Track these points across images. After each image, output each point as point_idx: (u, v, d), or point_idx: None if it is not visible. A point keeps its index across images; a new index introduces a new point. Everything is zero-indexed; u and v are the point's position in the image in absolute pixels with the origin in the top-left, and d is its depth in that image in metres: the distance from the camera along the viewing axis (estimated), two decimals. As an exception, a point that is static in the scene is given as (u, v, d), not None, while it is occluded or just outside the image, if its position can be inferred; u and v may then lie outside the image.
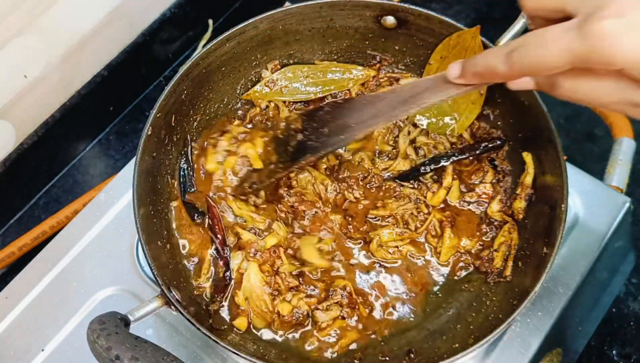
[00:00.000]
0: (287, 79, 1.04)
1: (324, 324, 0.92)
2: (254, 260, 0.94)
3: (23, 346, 1.00)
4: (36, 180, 1.28)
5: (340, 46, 1.05)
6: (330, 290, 0.93)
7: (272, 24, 0.99)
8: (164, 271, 0.86)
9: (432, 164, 0.99)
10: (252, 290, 0.92)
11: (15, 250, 1.18)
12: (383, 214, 0.97)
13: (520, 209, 0.96)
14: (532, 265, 0.89)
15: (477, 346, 0.82)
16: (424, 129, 1.03)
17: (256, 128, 1.03)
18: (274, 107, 1.05)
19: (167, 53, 1.39)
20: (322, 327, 0.92)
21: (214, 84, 1.02)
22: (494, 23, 1.45)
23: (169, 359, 0.71)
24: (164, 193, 0.97)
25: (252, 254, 0.95)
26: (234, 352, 0.81)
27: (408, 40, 1.02)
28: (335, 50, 1.06)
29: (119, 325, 0.73)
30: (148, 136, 0.91)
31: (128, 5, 1.24)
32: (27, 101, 1.17)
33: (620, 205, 1.05)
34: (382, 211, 0.98)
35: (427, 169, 0.99)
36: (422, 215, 0.98)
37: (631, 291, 1.18)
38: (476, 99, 1.00)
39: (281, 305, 0.92)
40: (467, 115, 1.01)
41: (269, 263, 0.94)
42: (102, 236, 1.07)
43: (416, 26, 0.99)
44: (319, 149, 0.92)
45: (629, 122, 1.18)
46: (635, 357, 1.12)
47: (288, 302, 0.92)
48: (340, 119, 0.90)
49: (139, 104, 1.38)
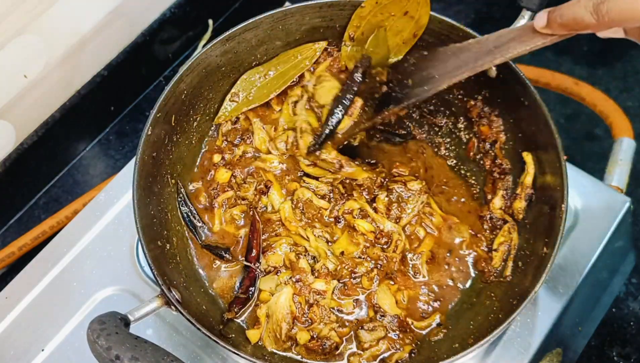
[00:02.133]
0: (247, 85, 1.04)
1: (366, 344, 0.91)
2: (292, 286, 0.93)
3: (23, 346, 1.00)
4: (36, 180, 1.28)
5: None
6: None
7: (272, 24, 0.99)
8: (163, 271, 0.86)
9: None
10: (276, 310, 0.91)
11: (15, 250, 1.18)
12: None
13: (520, 209, 0.96)
14: (532, 265, 0.89)
15: (477, 346, 0.82)
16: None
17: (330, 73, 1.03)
18: (245, 118, 1.04)
19: (167, 53, 1.39)
20: (364, 347, 0.91)
21: (214, 84, 1.02)
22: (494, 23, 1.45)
23: (169, 359, 0.71)
24: (164, 193, 0.97)
25: (295, 280, 0.93)
26: (234, 352, 0.81)
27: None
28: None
29: (119, 325, 0.73)
30: (148, 136, 0.91)
31: (128, 5, 1.24)
32: (27, 101, 1.17)
33: (620, 205, 1.05)
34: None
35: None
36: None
37: (631, 291, 1.18)
38: (408, 39, 1.01)
39: (300, 333, 0.90)
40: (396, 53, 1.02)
41: (305, 297, 0.93)
42: (102, 236, 1.07)
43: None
44: (402, 100, 0.94)
45: (629, 122, 1.18)
46: (635, 357, 1.12)
47: (307, 331, 0.91)
48: (424, 70, 0.92)
49: (139, 104, 1.38)
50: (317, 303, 0.92)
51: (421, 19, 0.98)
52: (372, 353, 0.91)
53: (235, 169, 1.01)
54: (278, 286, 0.93)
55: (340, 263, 0.95)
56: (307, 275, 0.93)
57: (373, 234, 0.96)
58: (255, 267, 0.94)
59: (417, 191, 0.99)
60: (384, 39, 1.00)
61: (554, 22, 0.72)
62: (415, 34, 1.00)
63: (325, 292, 0.93)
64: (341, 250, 0.96)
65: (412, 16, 0.97)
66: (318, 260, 0.95)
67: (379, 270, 0.95)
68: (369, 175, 0.99)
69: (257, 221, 0.97)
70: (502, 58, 0.83)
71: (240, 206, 0.99)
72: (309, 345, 0.90)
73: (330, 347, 0.91)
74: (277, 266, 0.95)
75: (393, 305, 0.93)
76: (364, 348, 0.91)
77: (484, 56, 0.85)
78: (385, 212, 0.98)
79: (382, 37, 1.00)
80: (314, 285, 0.93)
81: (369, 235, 0.96)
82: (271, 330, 0.90)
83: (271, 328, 0.91)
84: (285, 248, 0.95)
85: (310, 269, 0.94)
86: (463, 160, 1.04)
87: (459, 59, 0.88)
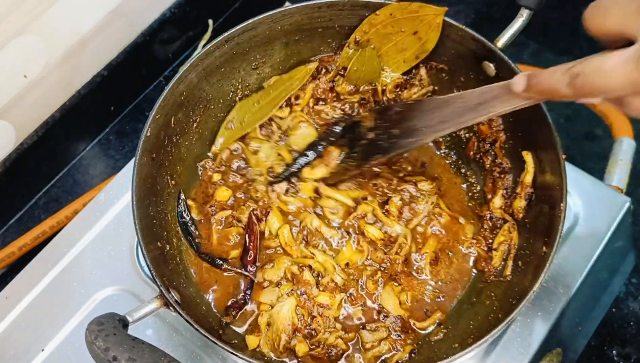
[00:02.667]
0: (242, 113, 1.05)
1: (368, 345, 0.91)
2: (296, 298, 0.92)
3: (23, 346, 1.00)
4: (36, 180, 1.28)
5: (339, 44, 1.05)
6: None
7: (271, 24, 0.99)
8: (163, 272, 0.86)
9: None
10: (277, 320, 0.90)
11: (15, 250, 1.18)
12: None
13: (520, 208, 0.96)
14: (532, 265, 0.89)
15: (476, 346, 0.82)
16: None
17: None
18: (245, 147, 1.04)
19: (167, 53, 1.39)
20: (366, 347, 0.91)
21: (214, 84, 1.02)
22: (494, 23, 1.45)
23: (166, 360, 0.71)
24: (164, 193, 0.97)
25: (300, 293, 0.92)
26: (233, 353, 0.81)
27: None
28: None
29: (117, 326, 0.73)
30: (148, 136, 0.91)
31: (128, 5, 1.24)
32: (27, 101, 1.17)
33: (620, 205, 1.05)
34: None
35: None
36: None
37: (631, 291, 1.18)
38: (410, 59, 1.01)
39: (299, 345, 0.90)
40: (393, 70, 1.03)
41: (308, 310, 0.92)
42: (102, 236, 1.07)
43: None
44: (389, 150, 0.94)
45: (629, 122, 1.18)
46: (635, 357, 1.12)
47: (307, 343, 0.90)
48: (410, 120, 0.92)
49: (139, 104, 1.38)
50: (322, 314, 0.92)
51: (428, 43, 0.98)
52: (374, 354, 0.90)
53: (237, 191, 1.01)
54: (279, 298, 0.92)
55: (347, 275, 0.94)
56: (311, 288, 0.93)
57: (382, 241, 0.96)
58: (250, 273, 0.94)
59: (428, 192, 0.99)
60: (371, 57, 1.01)
61: (532, 88, 0.72)
62: (417, 56, 1.01)
63: (331, 306, 0.92)
64: (346, 261, 0.95)
65: (420, 37, 0.98)
66: (323, 276, 0.94)
67: (382, 272, 0.95)
68: (358, 195, 0.99)
69: (253, 223, 0.96)
70: (485, 116, 0.83)
71: (236, 227, 0.99)
72: (314, 353, 0.90)
73: (337, 354, 0.90)
74: (274, 280, 0.94)
75: (397, 305, 0.93)
76: (366, 348, 0.91)
77: (467, 112, 0.84)
78: (397, 215, 0.98)
79: (370, 56, 1.01)
80: (318, 298, 0.92)
81: (378, 242, 0.96)
82: (270, 339, 0.90)
83: (270, 337, 0.90)
84: (287, 264, 0.95)
85: (315, 282, 0.93)
86: (463, 159, 1.04)
87: (442, 113, 0.88)
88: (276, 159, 1.03)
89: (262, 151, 1.04)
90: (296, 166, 1.01)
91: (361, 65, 1.02)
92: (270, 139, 1.04)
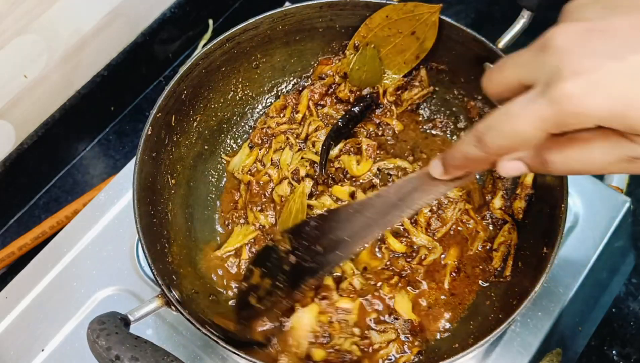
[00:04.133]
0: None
1: (376, 345, 0.90)
2: (318, 303, 0.90)
3: (23, 346, 1.00)
4: (36, 180, 1.28)
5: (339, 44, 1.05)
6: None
7: (272, 24, 0.99)
8: (164, 271, 0.86)
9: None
10: (297, 327, 0.89)
11: (15, 250, 1.18)
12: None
13: (520, 209, 0.96)
14: (532, 265, 0.89)
15: (477, 346, 0.82)
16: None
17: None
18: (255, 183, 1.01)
19: (167, 53, 1.39)
20: (374, 348, 0.90)
21: (214, 84, 1.02)
22: (494, 23, 1.45)
23: (168, 359, 0.71)
24: (164, 193, 0.97)
25: (320, 298, 0.91)
26: (234, 352, 0.81)
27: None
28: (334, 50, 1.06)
29: (118, 325, 0.73)
30: (148, 136, 0.91)
31: (128, 5, 1.24)
32: (27, 101, 1.17)
33: (620, 205, 1.05)
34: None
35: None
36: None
37: (631, 291, 1.18)
38: (410, 60, 1.01)
39: (316, 350, 0.88)
40: (395, 72, 1.03)
41: (328, 316, 0.91)
42: (102, 236, 1.07)
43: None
44: (317, 270, 0.87)
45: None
46: (635, 357, 1.12)
47: (324, 349, 0.89)
48: (330, 232, 0.84)
49: (139, 104, 1.38)
50: (340, 321, 0.90)
51: (426, 42, 0.98)
52: (381, 355, 0.90)
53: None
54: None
55: (365, 280, 0.94)
56: (332, 293, 0.91)
57: (404, 254, 0.96)
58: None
59: (456, 198, 0.98)
60: (372, 57, 1.01)
61: (449, 166, 0.67)
62: (417, 56, 1.00)
63: (351, 310, 0.91)
64: (363, 265, 0.95)
65: (418, 37, 0.98)
66: (342, 279, 0.93)
67: (401, 278, 0.95)
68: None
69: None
70: (411, 210, 0.76)
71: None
72: (329, 358, 0.88)
73: (351, 360, 0.89)
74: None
75: (409, 310, 0.92)
76: (374, 349, 0.90)
77: (390, 210, 0.77)
78: (425, 226, 0.97)
79: (371, 55, 1.01)
80: (339, 303, 0.91)
81: (399, 251, 0.96)
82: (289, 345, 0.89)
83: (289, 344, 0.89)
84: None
85: (335, 286, 0.92)
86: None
87: (364, 216, 0.80)
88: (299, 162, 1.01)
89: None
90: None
91: (362, 64, 1.02)
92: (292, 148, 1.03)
